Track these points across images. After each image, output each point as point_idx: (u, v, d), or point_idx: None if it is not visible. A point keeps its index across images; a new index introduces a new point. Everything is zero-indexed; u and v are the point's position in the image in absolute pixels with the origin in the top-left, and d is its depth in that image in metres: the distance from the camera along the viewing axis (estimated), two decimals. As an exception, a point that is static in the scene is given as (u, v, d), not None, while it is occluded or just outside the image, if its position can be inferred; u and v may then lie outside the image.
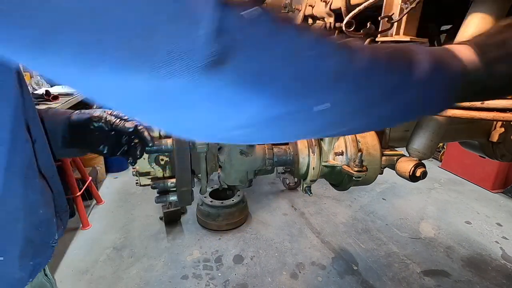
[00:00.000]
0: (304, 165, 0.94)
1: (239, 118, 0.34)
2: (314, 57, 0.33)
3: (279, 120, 0.35)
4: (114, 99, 0.31)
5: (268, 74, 0.31)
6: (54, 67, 0.26)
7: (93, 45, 0.24)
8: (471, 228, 3.33)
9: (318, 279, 2.56)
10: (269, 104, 0.33)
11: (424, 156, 1.07)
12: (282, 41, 0.32)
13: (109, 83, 0.28)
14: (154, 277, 2.51)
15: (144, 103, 0.31)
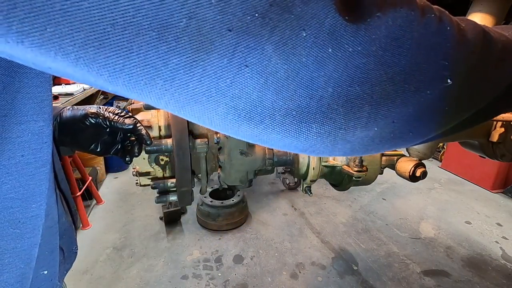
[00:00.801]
0: (304, 165, 0.94)
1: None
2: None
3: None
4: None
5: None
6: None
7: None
8: (471, 228, 3.33)
9: (318, 279, 2.56)
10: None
11: (424, 156, 1.07)
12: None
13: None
14: (154, 277, 2.51)
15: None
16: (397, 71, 0.30)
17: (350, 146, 0.33)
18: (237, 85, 0.26)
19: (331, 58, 0.27)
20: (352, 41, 0.27)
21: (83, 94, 3.51)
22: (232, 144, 0.90)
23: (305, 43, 0.25)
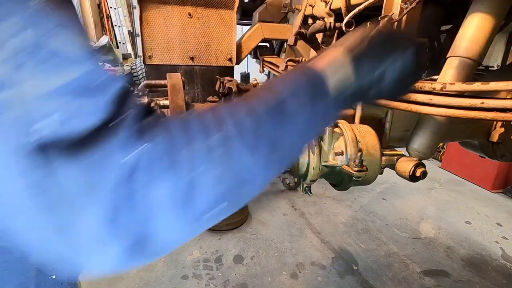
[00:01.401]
0: (304, 165, 0.94)
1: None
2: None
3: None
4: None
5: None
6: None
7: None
8: (471, 228, 3.33)
9: (318, 279, 2.56)
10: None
11: (424, 156, 1.07)
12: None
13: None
14: (154, 277, 2.51)
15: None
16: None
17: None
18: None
19: None
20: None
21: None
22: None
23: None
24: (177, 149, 0.35)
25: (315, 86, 0.46)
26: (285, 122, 0.43)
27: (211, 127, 0.38)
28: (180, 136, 0.36)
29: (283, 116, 0.42)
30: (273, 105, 0.43)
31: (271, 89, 0.46)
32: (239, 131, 0.39)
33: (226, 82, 1.03)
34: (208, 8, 1.83)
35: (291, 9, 1.99)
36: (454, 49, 0.98)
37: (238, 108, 0.42)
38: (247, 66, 8.22)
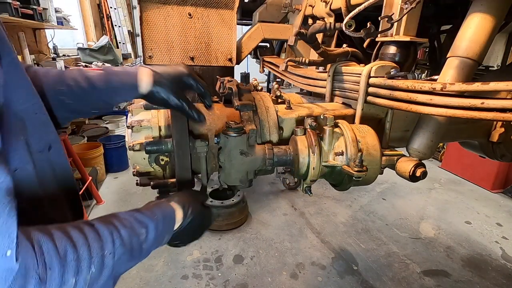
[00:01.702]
0: (304, 165, 0.94)
1: None
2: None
3: None
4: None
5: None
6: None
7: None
8: (471, 228, 3.33)
9: (318, 279, 2.56)
10: None
11: (424, 156, 1.07)
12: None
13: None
14: (154, 277, 2.51)
15: None
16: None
17: None
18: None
19: None
20: None
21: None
22: (232, 144, 0.90)
23: None
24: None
25: (170, 226, 0.71)
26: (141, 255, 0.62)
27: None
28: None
29: (143, 251, 0.62)
30: (138, 243, 0.60)
31: (140, 224, 0.62)
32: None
33: (226, 82, 1.03)
34: (208, 8, 1.83)
35: (291, 9, 1.99)
36: (454, 49, 0.98)
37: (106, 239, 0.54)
38: (247, 66, 8.21)
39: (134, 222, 0.60)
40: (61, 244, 0.45)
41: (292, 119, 1.07)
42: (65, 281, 0.44)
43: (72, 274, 0.45)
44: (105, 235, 0.53)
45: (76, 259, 0.46)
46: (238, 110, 0.99)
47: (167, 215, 0.70)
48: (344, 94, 1.21)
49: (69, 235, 0.48)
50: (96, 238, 0.51)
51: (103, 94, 0.76)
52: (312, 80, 1.41)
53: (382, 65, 1.07)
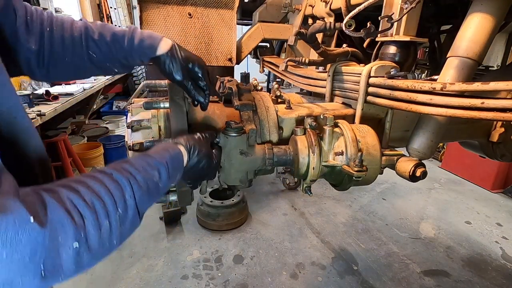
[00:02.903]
0: (304, 165, 0.94)
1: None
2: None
3: None
4: None
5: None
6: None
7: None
8: (471, 228, 3.33)
9: (318, 279, 2.56)
10: None
11: (424, 156, 1.07)
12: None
13: None
14: (154, 277, 2.51)
15: None
16: None
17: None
18: None
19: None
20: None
21: (83, 94, 3.51)
22: (232, 144, 0.90)
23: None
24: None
25: (180, 166, 0.76)
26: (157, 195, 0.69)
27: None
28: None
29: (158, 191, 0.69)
30: (153, 183, 0.67)
31: (152, 166, 0.68)
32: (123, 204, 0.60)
33: (226, 82, 1.03)
34: (208, 8, 1.83)
35: (291, 9, 1.99)
36: (454, 49, 0.98)
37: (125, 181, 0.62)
38: (247, 66, 8.21)
39: (147, 167, 0.67)
40: (88, 198, 0.53)
41: (292, 119, 1.07)
42: (101, 224, 0.53)
43: (104, 218, 0.54)
44: (124, 183, 0.61)
45: (103, 206, 0.54)
46: (238, 110, 0.99)
47: (174, 157, 0.75)
48: (344, 94, 1.21)
49: (93, 189, 0.56)
50: (116, 187, 0.59)
51: (126, 52, 0.83)
52: (312, 80, 1.41)
53: (382, 65, 1.07)
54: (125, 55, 0.83)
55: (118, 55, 0.83)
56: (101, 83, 4.20)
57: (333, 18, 1.62)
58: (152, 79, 1.02)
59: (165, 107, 0.93)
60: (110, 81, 4.79)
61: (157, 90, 0.98)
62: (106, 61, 0.84)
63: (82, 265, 0.49)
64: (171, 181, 0.73)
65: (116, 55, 0.83)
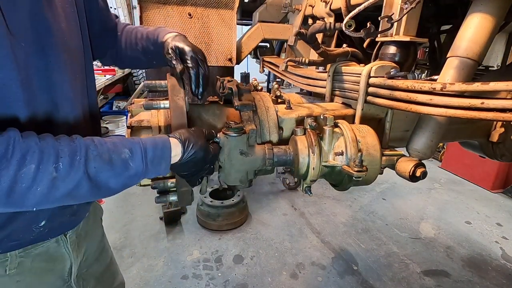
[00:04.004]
0: (304, 165, 0.94)
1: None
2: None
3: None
4: None
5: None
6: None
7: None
8: (471, 228, 3.33)
9: (318, 279, 2.56)
10: None
11: (424, 156, 1.07)
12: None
13: None
14: (154, 277, 2.51)
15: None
16: None
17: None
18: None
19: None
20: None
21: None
22: (232, 144, 0.90)
23: None
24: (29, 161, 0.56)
25: (164, 153, 0.75)
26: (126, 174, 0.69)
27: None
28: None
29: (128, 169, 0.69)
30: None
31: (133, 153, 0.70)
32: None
33: (226, 82, 1.03)
34: (208, 8, 1.83)
35: (291, 9, 1.99)
36: (454, 49, 0.98)
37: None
38: (247, 66, 8.21)
39: (118, 143, 0.69)
40: (29, 139, 0.57)
41: (292, 119, 1.07)
42: (26, 163, 0.55)
43: (33, 161, 0.56)
44: (80, 145, 0.62)
45: (38, 151, 0.57)
46: (238, 110, 0.99)
47: (158, 142, 0.74)
48: (344, 94, 1.21)
49: (41, 137, 0.60)
50: (68, 143, 0.61)
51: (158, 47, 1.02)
52: (312, 80, 1.41)
53: (382, 65, 1.07)
54: (157, 50, 1.01)
55: (155, 51, 1.03)
56: (101, 83, 4.19)
57: (333, 18, 1.62)
58: (152, 79, 1.03)
59: (165, 107, 0.93)
60: (110, 81, 4.78)
61: (157, 90, 0.98)
62: (151, 56, 1.06)
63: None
64: (152, 168, 0.72)
65: (154, 51, 1.03)
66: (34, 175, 0.56)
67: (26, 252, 0.81)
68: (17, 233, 0.77)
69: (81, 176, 0.61)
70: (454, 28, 1.54)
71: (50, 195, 0.59)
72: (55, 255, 0.88)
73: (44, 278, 0.87)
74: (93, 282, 1.07)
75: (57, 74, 0.75)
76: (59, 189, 0.59)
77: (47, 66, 0.72)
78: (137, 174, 0.70)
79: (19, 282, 0.81)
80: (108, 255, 1.19)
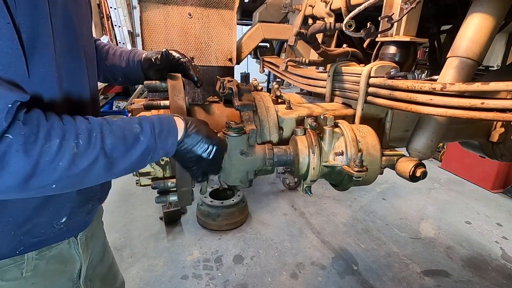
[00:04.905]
0: (304, 165, 0.94)
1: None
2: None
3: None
4: None
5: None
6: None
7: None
8: (471, 228, 3.33)
9: (318, 279, 2.56)
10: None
11: (424, 156, 1.07)
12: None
13: None
14: (154, 277, 2.51)
15: None
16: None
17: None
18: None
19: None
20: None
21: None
22: (232, 144, 0.90)
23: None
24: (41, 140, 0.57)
25: (171, 127, 0.75)
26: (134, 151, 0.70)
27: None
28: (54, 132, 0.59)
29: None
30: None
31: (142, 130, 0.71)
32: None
33: (226, 82, 1.03)
34: (208, 8, 1.83)
35: (291, 9, 1.99)
36: (454, 49, 0.98)
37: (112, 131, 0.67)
38: (247, 66, 8.21)
39: (127, 120, 0.72)
40: (52, 117, 0.61)
41: (292, 119, 1.07)
42: (51, 138, 0.58)
43: (57, 137, 0.59)
44: (94, 122, 0.66)
45: (61, 128, 0.60)
46: (238, 110, 0.99)
47: (163, 118, 0.76)
48: (344, 94, 1.21)
49: (61, 117, 0.63)
50: (84, 122, 0.65)
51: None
52: (312, 80, 1.41)
53: (382, 65, 1.07)
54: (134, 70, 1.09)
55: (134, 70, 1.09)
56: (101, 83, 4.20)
57: (333, 18, 1.62)
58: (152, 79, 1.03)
59: (165, 107, 0.93)
60: (110, 81, 4.78)
61: (157, 90, 0.98)
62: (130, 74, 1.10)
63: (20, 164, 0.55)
64: (160, 142, 0.72)
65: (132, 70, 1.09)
66: (57, 150, 0.58)
67: (41, 255, 0.83)
68: (39, 228, 0.79)
69: (98, 151, 0.63)
70: (454, 28, 1.54)
71: (70, 171, 0.61)
72: (67, 257, 0.90)
73: (56, 280, 0.88)
74: (98, 283, 1.08)
75: (83, 76, 0.82)
76: (78, 165, 0.61)
77: (75, 68, 0.78)
78: (148, 149, 0.70)
79: (34, 284, 0.82)
80: (110, 255, 1.20)
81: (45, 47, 0.66)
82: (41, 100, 0.69)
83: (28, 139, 0.55)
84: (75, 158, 0.60)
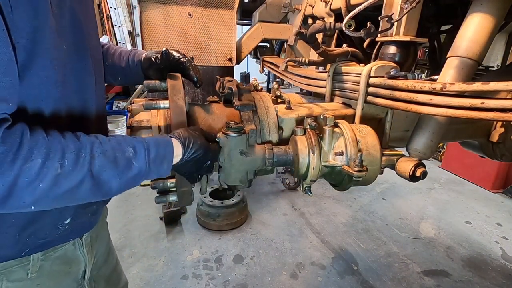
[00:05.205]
0: (304, 165, 0.94)
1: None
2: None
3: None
4: None
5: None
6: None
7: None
8: (471, 228, 3.33)
9: (318, 279, 2.56)
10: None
11: (424, 156, 1.07)
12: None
13: None
14: (154, 277, 2.51)
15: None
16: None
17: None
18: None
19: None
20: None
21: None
22: (232, 144, 0.90)
23: None
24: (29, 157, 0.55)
25: (167, 152, 0.75)
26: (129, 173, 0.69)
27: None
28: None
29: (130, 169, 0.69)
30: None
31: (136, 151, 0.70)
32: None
33: (226, 82, 1.03)
34: (208, 8, 1.83)
35: (291, 9, 1.99)
36: (454, 49, 0.98)
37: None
38: (247, 66, 8.21)
39: (122, 141, 0.69)
40: (37, 134, 0.58)
41: (292, 119, 1.07)
42: (32, 158, 0.55)
43: (40, 156, 0.56)
44: (84, 142, 0.63)
45: (46, 146, 0.57)
46: (238, 110, 0.99)
47: (160, 142, 0.75)
48: (344, 94, 1.21)
49: (49, 133, 0.59)
50: (73, 140, 0.61)
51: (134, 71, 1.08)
52: (312, 80, 1.41)
53: (382, 65, 1.07)
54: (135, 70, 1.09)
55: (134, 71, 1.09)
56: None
57: (333, 18, 1.62)
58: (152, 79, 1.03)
59: (165, 107, 0.93)
60: (110, 81, 4.78)
61: (157, 90, 0.98)
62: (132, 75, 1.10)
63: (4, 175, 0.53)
64: (154, 168, 0.72)
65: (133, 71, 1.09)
66: (39, 170, 0.56)
67: (46, 256, 0.83)
68: (44, 229, 0.79)
69: (85, 173, 0.61)
70: (454, 28, 1.54)
71: (51, 192, 0.58)
72: (71, 257, 0.90)
73: (61, 281, 0.88)
74: (103, 284, 1.08)
75: (88, 76, 0.81)
76: (61, 187, 0.59)
77: (80, 68, 0.77)
78: (140, 174, 0.69)
79: (39, 285, 0.82)
80: (114, 256, 1.20)
81: (47, 50, 0.64)
82: (38, 103, 0.66)
83: (5, 158, 0.53)
84: (59, 179, 0.58)
